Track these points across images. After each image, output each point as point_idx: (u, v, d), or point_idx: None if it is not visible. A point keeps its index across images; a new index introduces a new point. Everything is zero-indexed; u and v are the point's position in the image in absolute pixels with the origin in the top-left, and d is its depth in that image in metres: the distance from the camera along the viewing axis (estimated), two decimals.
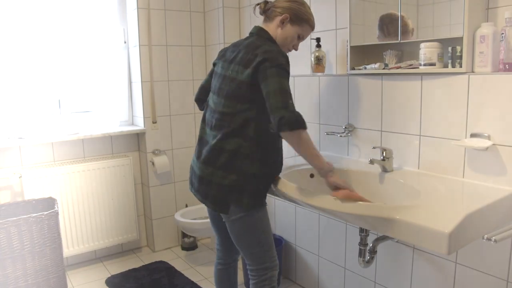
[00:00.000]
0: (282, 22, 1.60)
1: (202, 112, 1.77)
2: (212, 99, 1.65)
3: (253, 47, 1.52)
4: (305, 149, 1.47)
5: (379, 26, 1.77)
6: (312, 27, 1.67)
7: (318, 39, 2.07)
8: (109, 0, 2.85)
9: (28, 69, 2.62)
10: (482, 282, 1.55)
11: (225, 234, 1.77)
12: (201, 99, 1.83)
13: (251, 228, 1.59)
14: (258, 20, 1.68)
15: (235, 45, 1.65)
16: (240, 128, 1.52)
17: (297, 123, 1.39)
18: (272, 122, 1.42)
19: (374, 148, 1.81)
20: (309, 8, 1.65)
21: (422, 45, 1.59)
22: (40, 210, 2.46)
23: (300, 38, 1.66)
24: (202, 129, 1.68)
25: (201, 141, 1.66)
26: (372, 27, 1.82)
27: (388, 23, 1.72)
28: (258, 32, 1.62)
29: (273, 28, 1.61)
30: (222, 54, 1.69)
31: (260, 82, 1.45)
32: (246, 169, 1.53)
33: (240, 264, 2.59)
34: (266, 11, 1.63)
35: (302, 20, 1.61)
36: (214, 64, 1.73)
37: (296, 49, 1.69)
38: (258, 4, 1.67)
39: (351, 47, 1.88)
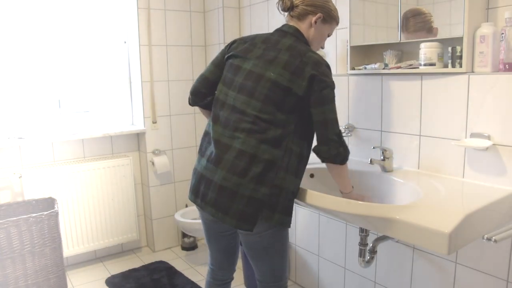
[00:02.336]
0: (315, 22, 1.49)
1: (202, 112, 1.73)
2: (230, 96, 1.46)
3: (298, 52, 1.41)
4: (343, 179, 1.52)
5: (403, 22, 1.69)
6: (338, 23, 1.60)
7: None
8: (109, 0, 2.85)
9: (28, 69, 2.62)
10: (482, 282, 1.55)
11: (227, 252, 1.64)
12: (202, 92, 1.60)
13: (274, 245, 1.48)
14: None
15: (265, 41, 1.48)
16: (280, 137, 1.38)
17: (347, 158, 1.45)
18: (319, 149, 1.43)
19: (374, 148, 1.81)
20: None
21: (422, 45, 1.59)
22: (40, 210, 2.46)
23: (328, 36, 1.59)
24: (216, 130, 1.46)
25: (218, 144, 1.43)
26: (372, 27, 1.82)
27: (410, 17, 1.66)
28: (295, 33, 1.49)
29: (305, 28, 1.50)
30: (245, 47, 1.49)
31: (314, 103, 1.39)
32: (281, 183, 1.39)
33: (240, 264, 2.59)
34: (293, 9, 1.50)
35: (332, 18, 1.53)
36: (228, 56, 1.53)
37: (323, 48, 1.62)
38: (282, 0, 1.53)
39: (351, 47, 1.88)
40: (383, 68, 1.77)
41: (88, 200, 2.71)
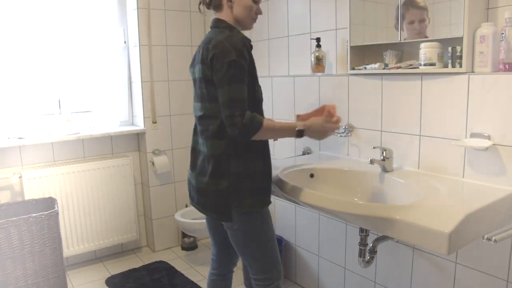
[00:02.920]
0: (230, 1, 1.52)
1: None
2: (194, 106, 1.62)
3: (207, 42, 1.48)
4: (275, 136, 1.55)
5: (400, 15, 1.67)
6: None
7: (318, 39, 2.07)
8: (109, 0, 2.85)
9: (28, 69, 2.62)
10: (482, 282, 1.55)
11: (223, 244, 1.73)
12: None
13: (255, 235, 1.54)
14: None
15: (199, 46, 1.58)
16: (220, 128, 1.46)
17: (249, 132, 1.41)
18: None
19: (374, 148, 1.81)
20: None
21: (422, 45, 1.58)
22: (40, 210, 2.46)
23: (257, 1, 1.56)
24: (194, 139, 1.63)
25: (194, 151, 1.61)
26: (372, 27, 1.82)
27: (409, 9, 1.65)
28: (215, 24, 1.56)
29: (227, 14, 1.54)
30: (192, 60, 1.64)
31: (216, 86, 1.43)
32: (237, 170, 1.47)
33: (239, 264, 2.59)
34: (211, 4, 1.58)
35: None
36: None
37: (260, 13, 1.59)
38: (200, 3, 1.62)
39: (351, 47, 1.88)
40: (383, 68, 1.77)
41: (88, 200, 2.71)
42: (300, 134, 1.50)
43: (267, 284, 1.59)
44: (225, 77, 1.39)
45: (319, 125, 1.53)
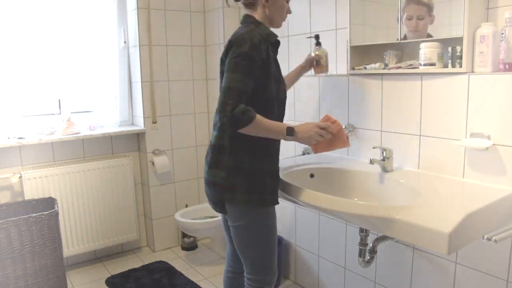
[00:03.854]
0: (267, 1, 1.53)
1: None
2: None
3: (232, 36, 1.50)
4: (265, 133, 1.45)
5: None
6: None
7: (317, 36, 2.00)
8: (109, 0, 2.85)
9: (28, 69, 2.62)
10: (482, 282, 1.55)
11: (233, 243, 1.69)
12: None
13: (254, 235, 1.54)
14: None
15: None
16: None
17: (237, 124, 1.38)
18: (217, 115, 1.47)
19: (374, 148, 1.81)
20: None
21: (422, 45, 1.58)
22: (40, 210, 2.46)
23: (288, 0, 1.60)
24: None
25: (209, 144, 1.61)
26: (372, 27, 1.82)
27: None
28: (243, 20, 1.58)
29: (260, 12, 1.55)
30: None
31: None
32: (235, 164, 1.48)
33: None
34: (246, 1, 1.57)
35: None
36: None
37: (290, 12, 1.63)
38: None
39: (351, 47, 1.88)
40: (383, 68, 1.77)
41: (88, 200, 2.71)
42: (290, 132, 1.45)
43: (257, 286, 1.58)
44: (230, 65, 1.41)
45: (309, 127, 1.49)
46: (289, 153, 2.35)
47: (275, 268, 1.60)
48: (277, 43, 1.57)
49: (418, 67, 1.63)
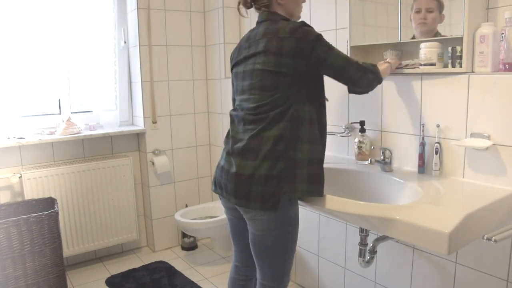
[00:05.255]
0: None
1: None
2: (241, 100, 1.51)
3: (272, 33, 1.42)
4: (385, 75, 1.62)
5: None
6: None
7: (362, 123, 1.93)
8: (109, 0, 2.85)
9: (28, 69, 2.62)
10: (482, 282, 1.55)
11: (249, 249, 1.58)
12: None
13: (282, 240, 1.45)
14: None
15: (247, 40, 1.52)
16: (282, 113, 1.39)
17: (378, 73, 1.52)
18: (354, 91, 1.56)
19: (373, 148, 1.81)
20: None
21: (422, 45, 1.59)
22: (40, 210, 2.46)
23: None
24: (232, 129, 1.53)
25: (234, 139, 1.50)
26: (372, 27, 1.82)
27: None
28: (268, 17, 1.49)
29: (278, 10, 1.50)
30: (236, 55, 1.57)
31: (315, 66, 1.39)
32: (293, 154, 1.38)
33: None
34: (255, 2, 1.51)
35: None
36: (231, 67, 1.61)
37: (304, 1, 1.63)
38: (239, 3, 1.56)
39: (351, 47, 1.88)
40: None
41: (88, 200, 2.71)
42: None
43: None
44: (325, 48, 1.38)
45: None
46: None
47: (290, 273, 1.55)
48: None
49: (418, 67, 1.63)
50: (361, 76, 1.45)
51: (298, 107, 1.41)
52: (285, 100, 1.40)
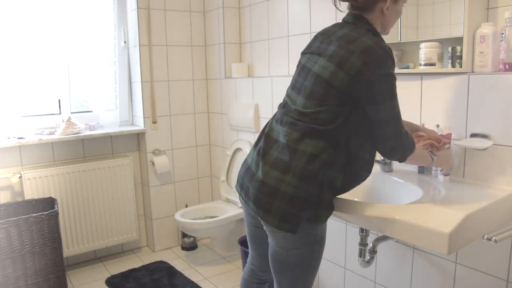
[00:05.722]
0: (387, 8, 1.30)
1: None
2: (290, 94, 1.38)
3: (348, 40, 1.25)
4: (417, 162, 1.51)
5: None
6: None
7: None
8: (109, 0, 2.85)
9: (28, 69, 2.62)
10: (482, 282, 1.55)
11: (268, 255, 1.48)
12: None
13: (309, 259, 1.36)
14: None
15: (323, 33, 1.37)
16: (326, 132, 1.26)
17: (408, 152, 1.31)
18: (378, 147, 1.32)
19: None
20: None
21: (422, 45, 1.59)
22: (40, 210, 2.46)
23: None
24: (270, 125, 1.40)
25: (267, 138, 1.37)
26: None
27: None
28: (356, 20, 1.31)
29: (374, 16, 1.32)
30: (310, 44, 1.41)
31: (366, 101, 1.24)
32: (324, 179, 1.26)
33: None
34: (360, 3, 1.31)
35: None
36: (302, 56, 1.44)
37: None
38: None
39: None
40: None
41: (88, 200, 2.71)
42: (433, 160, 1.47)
43: None
44: (385, 91, 1.23)
45: (446, 156, 1.52)
46: None
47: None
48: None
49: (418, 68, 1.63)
50: (392, 140, 1.28)
51: (351, 136, 1.28)
52: (331, 117, 1.25)
